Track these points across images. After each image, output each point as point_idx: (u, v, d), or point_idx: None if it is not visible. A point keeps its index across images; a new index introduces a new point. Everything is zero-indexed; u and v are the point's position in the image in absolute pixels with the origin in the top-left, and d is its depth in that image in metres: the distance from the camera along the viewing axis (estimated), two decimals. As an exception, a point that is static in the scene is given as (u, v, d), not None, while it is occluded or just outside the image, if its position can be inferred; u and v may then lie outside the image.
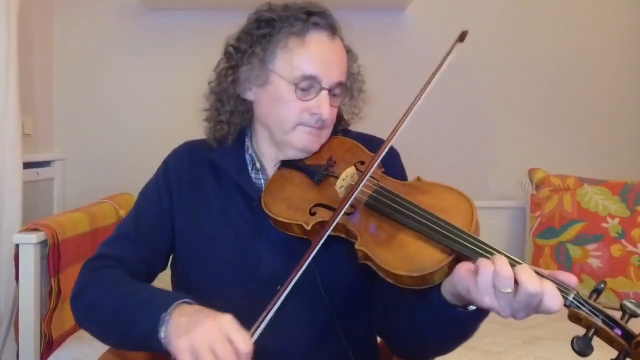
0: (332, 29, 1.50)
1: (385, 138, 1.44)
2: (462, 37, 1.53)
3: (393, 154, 1.63)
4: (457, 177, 3.25)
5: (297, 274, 1.23)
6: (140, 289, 1.40)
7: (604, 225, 2.84)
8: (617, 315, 1.09)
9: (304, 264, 1.24)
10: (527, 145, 3.51)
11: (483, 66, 3.43)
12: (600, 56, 3.51)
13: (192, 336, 1.16)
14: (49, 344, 2.32)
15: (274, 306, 1.20)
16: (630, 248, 2.76)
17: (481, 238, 1.21)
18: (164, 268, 1.62)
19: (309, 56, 1.46)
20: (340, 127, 1.67)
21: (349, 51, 1.59)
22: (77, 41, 3.39)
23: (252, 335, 1.17)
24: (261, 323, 1.18)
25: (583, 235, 2.86)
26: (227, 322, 1.17)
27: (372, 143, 1.59)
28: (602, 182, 2.97)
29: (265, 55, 1.49)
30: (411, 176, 1.61)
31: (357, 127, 1.69)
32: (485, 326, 1.28)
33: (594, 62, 3.51)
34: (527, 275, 1.09)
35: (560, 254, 2.87)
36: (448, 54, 1.48)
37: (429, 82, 1.44)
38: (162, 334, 1.23)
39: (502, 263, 1.10)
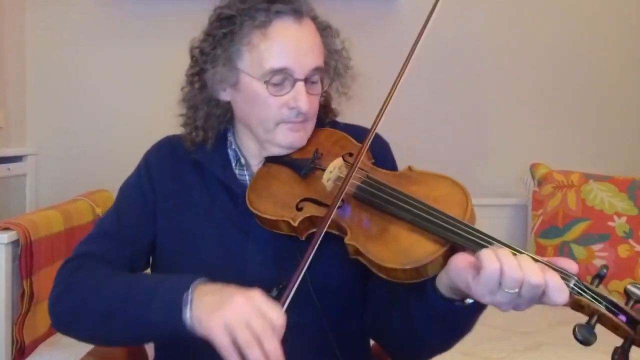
0: (297, 13, 1.47)
1: (378, 135, 1.44)
2: None
3: (382, 145, 1.63)
4: (454, 173, 3.23)
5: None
6: (140, 277, 1.41)
7: (610, 223, 2.85)
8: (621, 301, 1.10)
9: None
10: (528, 139, 3.51)
11: (482, 55, 3.43)
12: (605, 44, 3.51)
13: (224, 312, 1.18)
14: (20, 350, 2.30)
15: (298, 277, 1.22)
16: (638, 248, 2.77)
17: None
18: (147, 267, 1.61)
19: (275, 49, 1.44)
20: (328, 119, 1.66)
21: (325, 27, 1.56)
22: (51, 29, 3.37)
23: (283, 306, 1.21)
24: (289, 294, 1.22)
25: (588, 234, 2.86)
26: (258, 296, 1.20)
27: (362, 134, 1.58)
28: (608, 178, 2.98)
29: (230, 54, 1.47)
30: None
31: (350, 118, 1.69)
32: (484, 331, 1.28)
33: (599, 51, 3.51)
34: (529, 267, 1.09)
35: (563, 254, 2.88)
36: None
37: (419, 37, 1.47)
38: (187, 314, 1.23)
39: (510, 263, 1.10)
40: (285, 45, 1.44)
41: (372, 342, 1.65)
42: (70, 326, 1.43)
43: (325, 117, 1.64)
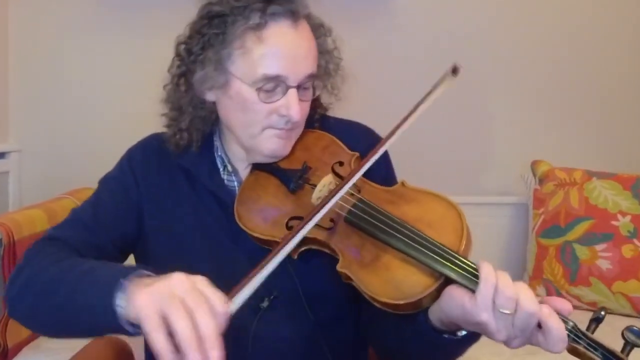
0: (294, 15, 1.44)
1: (371, 130, 1.43)
2: (455, 71, 1.51)
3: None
4: (452, 171, 3.26)
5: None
6: (85, 260, 1.33)
7: (614, 223, 2.85)
8: (618, 344, 1.13)
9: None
10: (529, 135, 3.51)
11: (480, 49, 3.42)
12: (608, 36, 3.51)
13: (157, 287, 1.07)
14: (3, 354, 2.30)
15: (257, 273, 1.15)
16: (642, 248, 2.78)
17: (478, 239, 1.22)
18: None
19: (269, 55, 1.41)
20: (317, 115, 1.64)
21: (319, 26, 1.54)
22: (35, 23, 3.34)
23: (230, 299, 1.09)
24: (241, 289, 1.11)
25: (591, 234, 2.86)
26: (201, 280, 1.09)
27: (353, 132, 1.58)
28: (612, 175, 2.98)
29: (220, 57, 1.43)
30: (399, 170, 1.60)
31: (345, 115, 1.68)
32: (484, 334, 1.28)
33: (601, 46, 3.51)
34: (524, 292, 1.12)
35: (565, 254, 2.88)
36: (436, 86, 1.48)
37: (412, 111, 1.45)
38: (119, 300, 1.11)
39: (505, 280, 1.12)
40: (280, 51, 1.41)
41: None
42: (16, 307, 1.37)
43: (314, 113, 1.61)
